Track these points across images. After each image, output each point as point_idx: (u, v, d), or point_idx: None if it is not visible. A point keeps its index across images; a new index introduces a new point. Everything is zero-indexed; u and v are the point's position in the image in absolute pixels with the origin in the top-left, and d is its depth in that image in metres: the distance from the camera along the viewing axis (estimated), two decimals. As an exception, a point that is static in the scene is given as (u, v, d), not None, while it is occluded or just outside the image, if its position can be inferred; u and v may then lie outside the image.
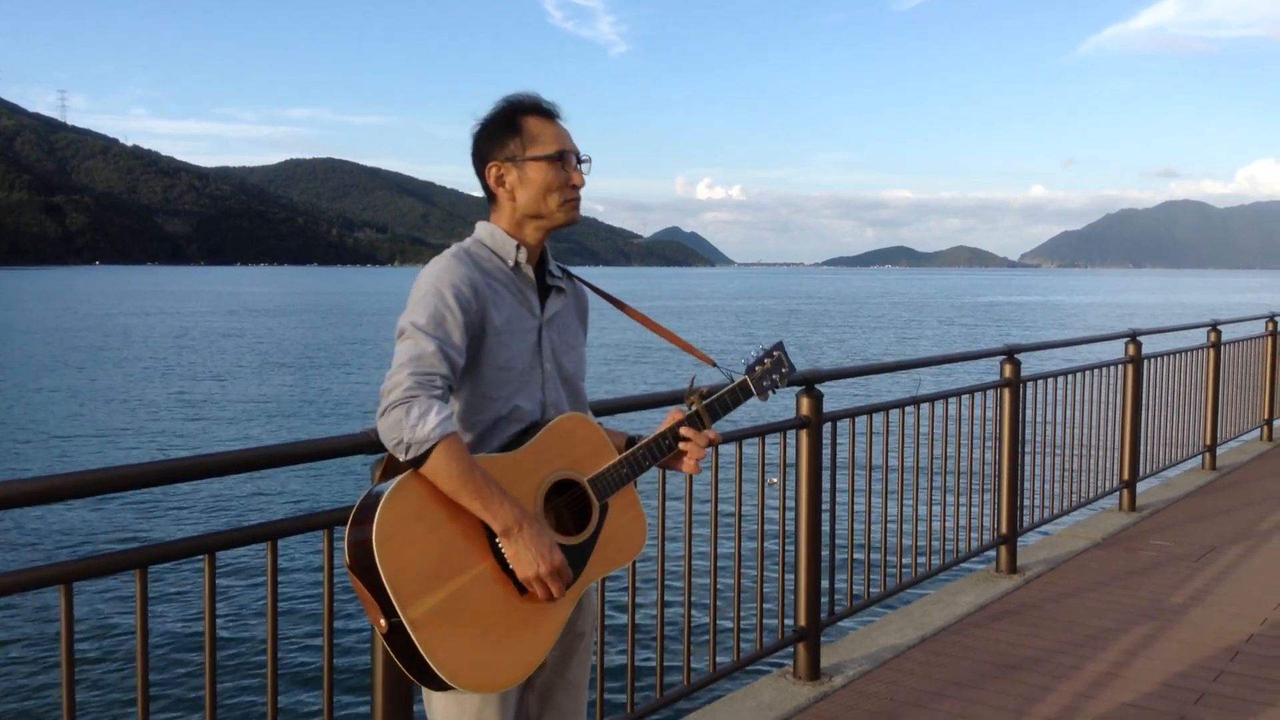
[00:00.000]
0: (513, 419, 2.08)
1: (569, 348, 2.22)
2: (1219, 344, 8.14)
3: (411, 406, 1.85)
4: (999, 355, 5.50)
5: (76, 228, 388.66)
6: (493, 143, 2.12)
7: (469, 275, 2.02)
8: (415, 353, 1.91)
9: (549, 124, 2.13)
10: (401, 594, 1.80)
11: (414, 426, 1.84)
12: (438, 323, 1.94)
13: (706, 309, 77.29)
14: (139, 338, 45.26)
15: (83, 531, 12.16)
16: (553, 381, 2.15)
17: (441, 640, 1.83)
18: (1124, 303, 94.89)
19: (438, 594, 1.84)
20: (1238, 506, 6.94)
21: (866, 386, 21.62)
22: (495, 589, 1.92)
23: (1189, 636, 4.47)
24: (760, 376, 2.32)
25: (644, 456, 2.15)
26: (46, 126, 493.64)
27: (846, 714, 3.71)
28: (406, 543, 1.83)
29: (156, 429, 20.59)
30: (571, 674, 2.22)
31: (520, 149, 2.10)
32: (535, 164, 2.09)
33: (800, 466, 4.03)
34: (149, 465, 2.18)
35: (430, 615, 1.82)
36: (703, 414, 2.23)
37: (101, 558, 2.10)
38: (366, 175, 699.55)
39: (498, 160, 2.11)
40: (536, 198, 2.10)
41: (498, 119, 2.13)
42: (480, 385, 2.05)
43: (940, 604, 4.94)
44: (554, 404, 2.15)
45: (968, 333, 51.07)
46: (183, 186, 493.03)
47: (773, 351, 2.34)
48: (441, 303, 1.96)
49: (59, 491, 2.02)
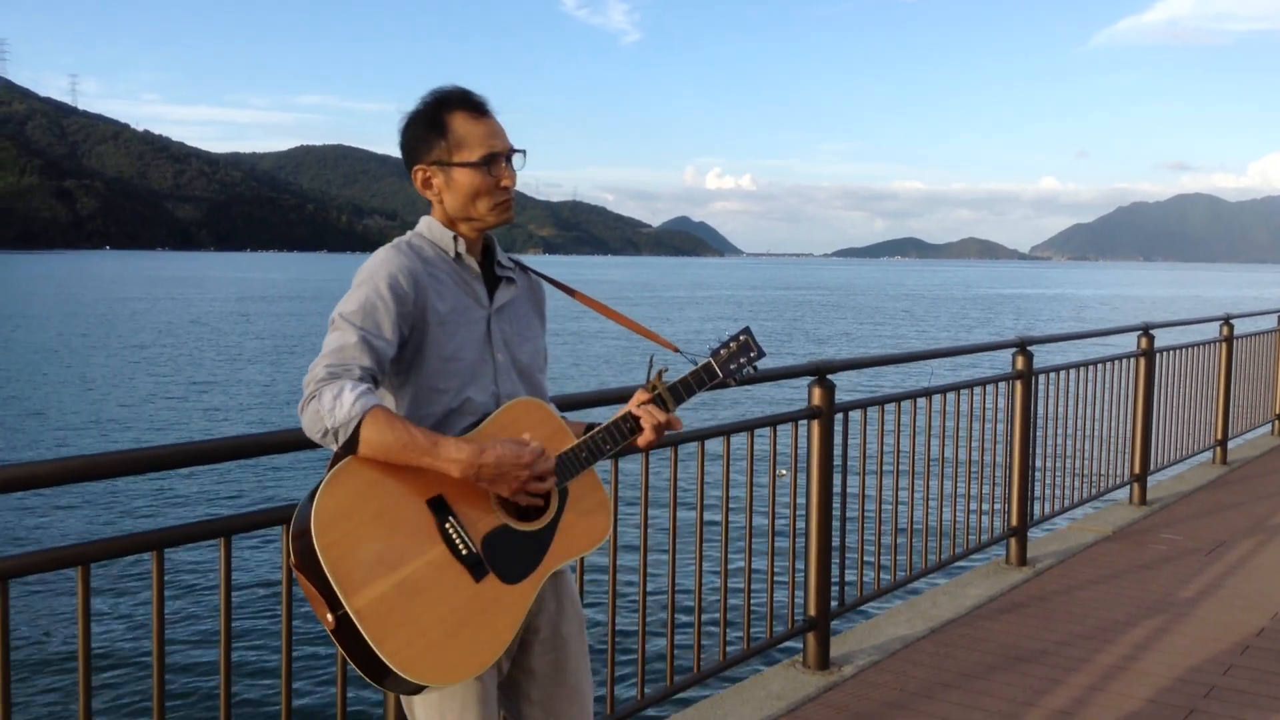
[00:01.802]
0: (464, 411, 2.01)
1: (523, 339, 2.15)
2: (1231, 338, 8.11)
3: (323, 394, 1.81)
4: (1011, 347, 5.49)
5: (87, 213, 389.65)
6: (419, 144, 2.05)
7: (408, 265, 1.97)
8: (337, 344, 1.87)
9: (477, 123, 2.04)
10: (344, 584, 1.74)
11: (331, 411, 1.79)
12: (367, 313, 1.90)
13: (715, 299, 77.10)
14: (153, 323, 45.37)
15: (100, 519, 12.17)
16: (506, 373, 2.09)
17: (389, 630, 1.76)
18: (1134, 296, 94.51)
19: (383, 583, 1.77)
20: (1248, 501, 6.93)
21: (878, 378, 21.62)
22: (448, 576, 1.85)
23: (1199, 630, 4.46)
24: (726, 360, 2.23)
25: (604, 439, 2.08)
26: (58, 111, 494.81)
27: (856, 704, 3.72)
28: (348, 531, 1.77)
29: (140, 418, 20.68)
30: (570, 680, 2.15)
31: (446, 153, 2.03)
32: (462, 169, 2.02)
33: (811, 457, 4.03)
34: (116, 455, 2.12)
35: (376, 604, 1.75)
36: (666, 396, 2.16)
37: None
38: (377, 162, 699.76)
39: (424, 164, 2.05)
40: (465, 203, 2.05)
41: (423, 118, 2.05)
42: (426, 377, 1.99)
43: (950, 595, 4.94)
44: (509, 396, 2.08)
45: (979, 324, 50.93)
46: (193, 172, 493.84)
47: (739, 336, 2.27)
48: (374, 293, 1.92)
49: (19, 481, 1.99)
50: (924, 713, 3.64)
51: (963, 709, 3.67)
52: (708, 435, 3.55)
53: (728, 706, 3.71)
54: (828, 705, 3.72)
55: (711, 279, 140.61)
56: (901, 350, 6.81)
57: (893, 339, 41.52)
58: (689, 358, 2.27)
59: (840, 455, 4.12)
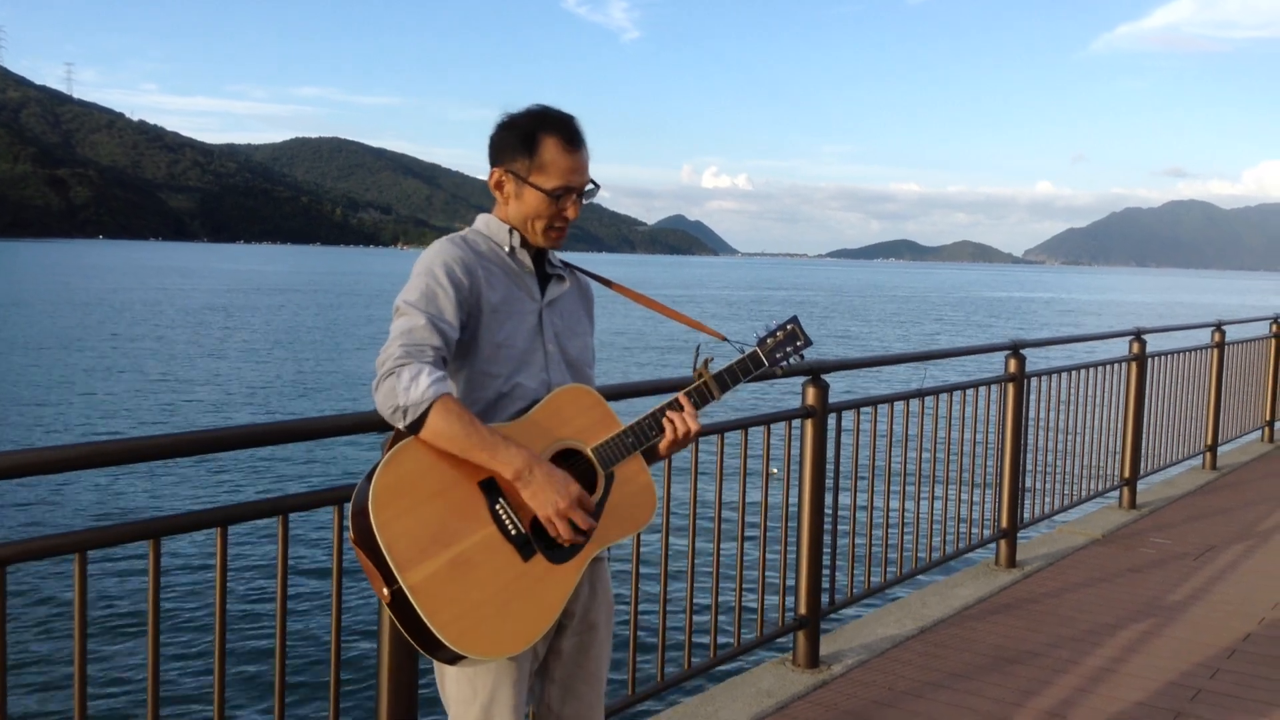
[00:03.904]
0: (515, 396, 2.09)
1: (573, 334, 2.23)
2: (1223, 344, 8.15)
3: (402, 373, 1.89)
4: (1004, 350, 5.52)
5: (80, 201, 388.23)
6: (505, 149, 2.13)
7: (461, 256, 2.06)
8: (406, 327, 1.96)
9: (566, 155, 2.09)
10: (400, 559, 1.82)
11: (407, 390, 1.87)
12: (429, 299, 1.99)
13: (714, 299, 77.14)
14: (148, 315, 45.26)
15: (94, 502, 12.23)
16: (556, 363, 2.16)
17: (442, 605, 1.84)
18: (1127, 301, 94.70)
19: (437, 559, 1.85)
20: (1237, 506, 6.97)
21: (871, 379, 21.67)
22: (498, 555, 1.92)
23: (1187, 634, 4.49)
24: (773, 348, 2.28)
25: (649, 425, 2.14)
26: (52, 99, 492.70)
27: (845, 702, 3.74)
28: (403, 510, 1.85)
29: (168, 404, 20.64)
30: (591, 665, 2.23)
31: (526, 170, 2.10)
32: (534, 191, 2.10)
33: (804, 456, 4.05)
34: (162, 438, 2.20)
35: (430, 580, 1.84)
36: (711, 385, 2.21)
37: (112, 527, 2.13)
38: (372, 156, 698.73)
39: (503, 167, 2.13)
40: (524, 217, 2.13)
41: (520, 129, 2.11)
42: (479, 362, 2.07)
43: (939, 596, 4.96)
44: (559, 384, 2.14)
45: (972, 327, 51.02)
46: (187, 163, 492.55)
47: (786, 325, 2.30)
48: (433, 280, 2.01)
49: (67, 462, 2.08)
50: (912, 712, 3.66)
51: (951, 709, 3.69)
52: (702, 434, 3.55)
53: (718, 703, 3.72)
54: (817, 703, 3.74)
55: (707, 278, 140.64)
56: (895, 352, 6.82)
57: (886, 340, 41.57)
58: (737, 346, 2.28)
59: (833, 455, 4.14)
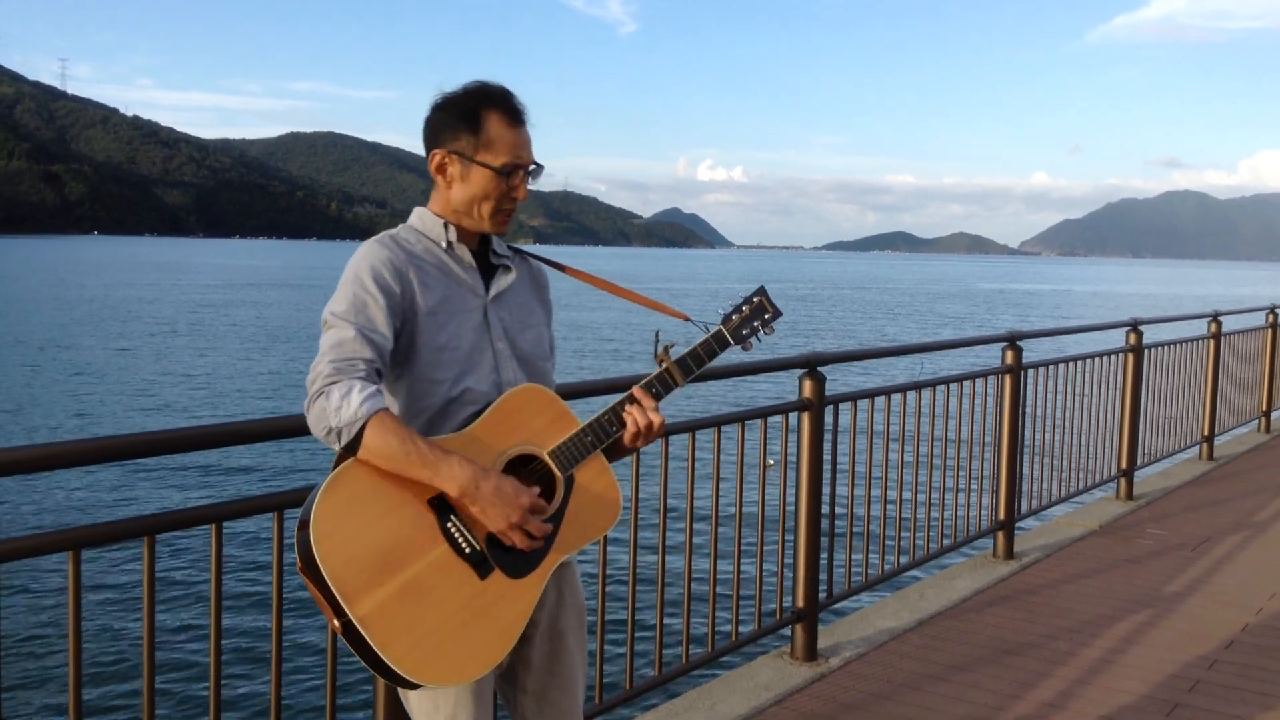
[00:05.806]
0: (464, 401, 1.99)
1: (524, 326, 2.12)
2: (1219, 335, 8.15)
3: (332, 392, 1.80)
4: (1001, 341, 5.51)
5: (75, 197, 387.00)
6: (445, 129, 2.03)
7: (389, 258, 1.96)
8: (335, 340, 1.87)
9: (511, 129, 2.01)
10: (346, 591, 1.73)
11: (338, 410, 1.79)
12: (358, 309, 1.90)
13: (709, 292, 77.08)
14: (144, 311, 45.15)
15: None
16: (507, 361, 2.06)
17: (395, 634, 1.75)
18: (1123, 293, 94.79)
19: (386, 586, 1.76)
20: (1234, 497, 6.97)
21: (868, 371, 21.65)
22: (452, 576, 1.83)
23: (1184, 625, 4.49)
24: (739, 325, 2.13)
25: (609, 421, 2.01)
26: (46, 95, 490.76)
27: (843, 695, 3.73)
28: (348, 537, 1.76)
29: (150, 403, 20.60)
30: (564, 673, 2.14)
31: (472, 148, 2.00)
32: (481, 169, 2.00)
33: (801, 448, 4.04)
34: (118, 439, 2.17)
35: (380, 609, 1.75)
36: (673, 371, 2.07)
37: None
38: (367, 150, 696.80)
39: (445, 149, 2.03)
40: (471, 200, 2.03)
41: (459, 107, 2.02)
42: (422, 369, 1.97)
43: (937, 588, 4.96)
44: (511, 384, 2.03)
45: (969, 319, 51.05)
46: (182, 158, 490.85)
47: (753, 298, 2.15)
48: (360, 288, 1.91)
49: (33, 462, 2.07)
50: (910, 704, 3.65)
51: (949, 700, 3.68)
52: (698, 426, 3.55)
53: (716, 696, 3.72)
54: (815, 696, 3.73)
55: (703, 270, 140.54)
56: (892, 344, 6.82)
57: (883, 332, 41.59)
58: (700, 326, 2.15)
59: (830, 447, 4.13)
